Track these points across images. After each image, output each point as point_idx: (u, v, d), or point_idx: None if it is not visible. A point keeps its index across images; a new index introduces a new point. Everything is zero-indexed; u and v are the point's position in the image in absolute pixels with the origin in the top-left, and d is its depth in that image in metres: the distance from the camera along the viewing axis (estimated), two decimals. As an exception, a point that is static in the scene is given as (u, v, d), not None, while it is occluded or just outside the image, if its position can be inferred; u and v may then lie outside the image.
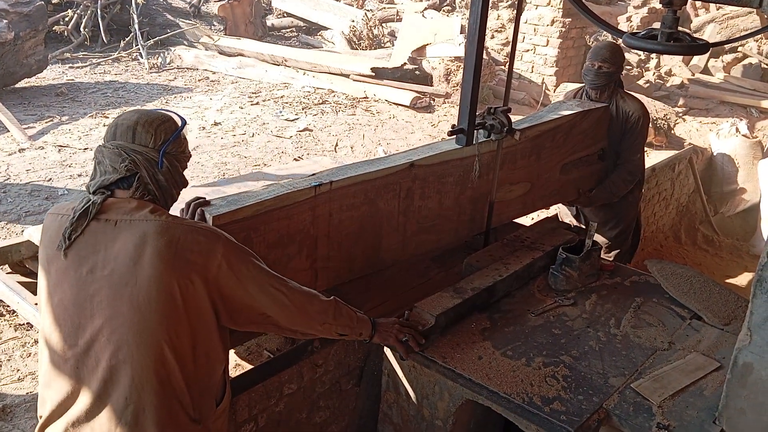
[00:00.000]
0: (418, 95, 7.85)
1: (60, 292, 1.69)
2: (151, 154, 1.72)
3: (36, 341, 3.20)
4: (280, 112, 7.26)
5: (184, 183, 1.85)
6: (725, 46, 8.90)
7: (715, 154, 7.02)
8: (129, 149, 1.70)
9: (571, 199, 3.78)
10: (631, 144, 3.73)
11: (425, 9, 9.30)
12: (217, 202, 2.24)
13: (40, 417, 1.76)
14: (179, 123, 1.81)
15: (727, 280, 5.57)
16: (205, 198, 2.23)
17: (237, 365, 2.93)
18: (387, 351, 2.52)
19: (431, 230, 2.98)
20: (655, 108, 7.15)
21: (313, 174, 2.56)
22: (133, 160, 1.70)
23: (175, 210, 2.03)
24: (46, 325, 1.72)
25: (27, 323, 3.26)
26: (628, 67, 8.92)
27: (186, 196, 2.14)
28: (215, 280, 1.71)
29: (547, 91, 8.42)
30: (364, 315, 2.15)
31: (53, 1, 9.26)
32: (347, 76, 8.32)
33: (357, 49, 10.18)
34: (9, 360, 3.06)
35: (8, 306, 3.27)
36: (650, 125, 4.14)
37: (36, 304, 2.80)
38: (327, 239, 2.55)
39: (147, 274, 1.62)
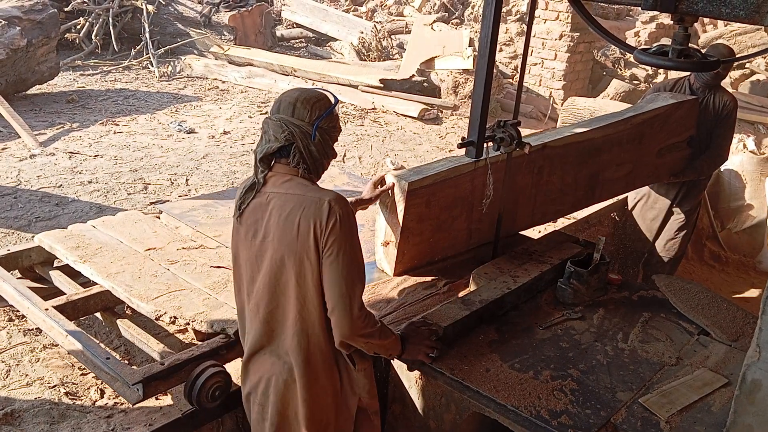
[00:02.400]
0: (426, 107, 7.87)
1: (242, 252, 2.12)
2: (306, 127, 2.01)
3: (44, 346, 3.21)
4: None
5: (334, 154, 2.14)
6: (733, 62, 8.90)
7: (722, 169, 7.01)
8: (288, 122, 2.01)
9: (663, 180, 4.33)
10: (724, 131, 4.25)
11: (434, 22, 9.35)
12: (406, 172, 2.82)
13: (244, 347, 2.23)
14: (333, 101, 2.09)
15: (734, 296, 5.55)
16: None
17: (244, 374, 2.94)
18: (393, 363, 2.52)
19: (554, 202, 3.51)
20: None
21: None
22: (291, 132, 2.00)
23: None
24: (238, 277, 2.17)
25: (36, 328, 3.27)
26: (636, 82, 8.94)
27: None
28: (323, 253, 1.98)
29: (554, 104, 8.44)
30: (397, 336, 2.27)
31: (65, 9, 9.35)
32: (356, 87, 8.36)
33: (366, 60, 10.23)
34: (18, 365, 3.07)
35: (18, 311, 3.29)
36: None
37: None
38: (480, 205, 3.07)
39: (284, 238, 1.98)
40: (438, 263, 3.10)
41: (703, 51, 4.09)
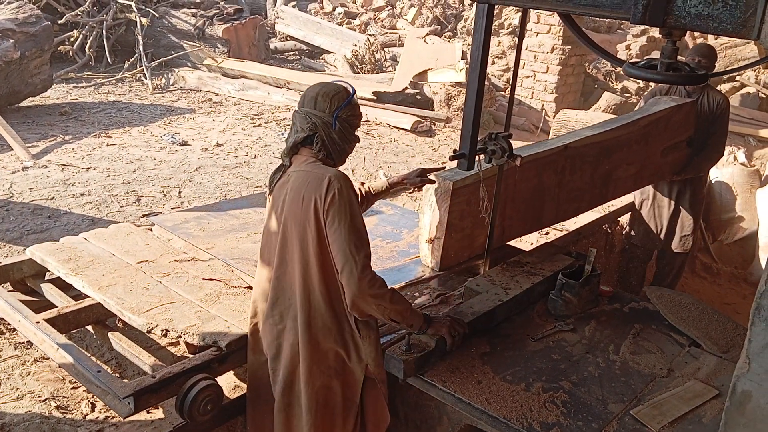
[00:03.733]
0: (419, 119, 7.91)
1: (269, 225, 2.40)
2: (327, 118, 2.28)
3: (35, 360, 3.20)
4: (282, 134, 7.31)
5: (357, 139, 2.40)
6: (723, 75, 8.97)
7: (713, 182, 7.05)
8: (311, 114, 2.29)
9: (667, 178, 4.55)
10: (719, 128, 4.45)
11: (427, 35, 9.39)
12: (449, 173, 3.05)
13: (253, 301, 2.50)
14: (350, 92, 2.33)
15: (726, 308, 5.57)
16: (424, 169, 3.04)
17: (236, 386, 2.94)
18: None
19: (574, 200, 3.71)
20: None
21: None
22: (314, 123, 2.28)
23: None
24: (263, 248, 2.43)
25: (27, 341, 3.26)
26: (627, 95, 9.00)
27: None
28: (325, 223, 2.21)
29: (546, 117, 8.49)
30: (418, 310, 2.46)
31: (59, 22, 9.36)
32: (349, 99, 8.38)
33: (359, 73, 10.28)
34: (8, 378, 3.05)
35: (9, 324, 3.27)
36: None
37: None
38: (512, 203, 3.30)
39: (292, 209, 2.25)
40: (477, 259, 3.30)
41: (686, 58, 4.24)
